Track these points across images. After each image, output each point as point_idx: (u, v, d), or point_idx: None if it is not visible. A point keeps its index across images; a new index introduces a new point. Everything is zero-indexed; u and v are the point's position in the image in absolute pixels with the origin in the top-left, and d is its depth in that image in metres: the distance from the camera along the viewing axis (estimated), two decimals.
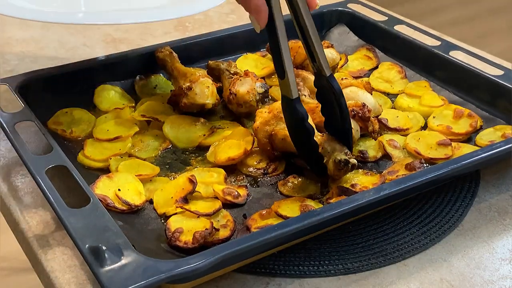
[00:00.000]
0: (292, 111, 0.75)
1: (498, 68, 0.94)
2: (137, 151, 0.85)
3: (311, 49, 0.76)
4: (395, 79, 1.01)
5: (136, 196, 0.76)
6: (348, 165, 0.75)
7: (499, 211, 0.78)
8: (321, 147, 0.77)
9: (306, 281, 0.68)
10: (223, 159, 0.81)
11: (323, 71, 0.77)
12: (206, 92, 0.89)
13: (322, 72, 0.77)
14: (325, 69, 0.77)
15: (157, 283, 0.58)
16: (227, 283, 0.67)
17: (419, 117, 0.92)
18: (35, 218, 0.75)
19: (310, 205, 0.74)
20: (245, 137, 0.84)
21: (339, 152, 0.76)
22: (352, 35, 1.12)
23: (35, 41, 1.17)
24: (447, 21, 3.15)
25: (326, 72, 0.77)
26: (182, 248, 0.68)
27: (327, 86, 0.77)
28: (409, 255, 0.71)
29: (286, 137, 0.80)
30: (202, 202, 0.75)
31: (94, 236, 0.62)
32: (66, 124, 0.88)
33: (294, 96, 0.75)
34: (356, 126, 0.82)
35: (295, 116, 0.75)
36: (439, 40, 1.03)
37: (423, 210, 0.77)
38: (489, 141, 0.85)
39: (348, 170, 0.76)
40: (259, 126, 0.83)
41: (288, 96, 0.75)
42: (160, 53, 0.97)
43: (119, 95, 0.95)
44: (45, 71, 0.93)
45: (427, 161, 0.82)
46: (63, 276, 0.67)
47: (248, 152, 0.82)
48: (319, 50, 0.76)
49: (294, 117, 0.76)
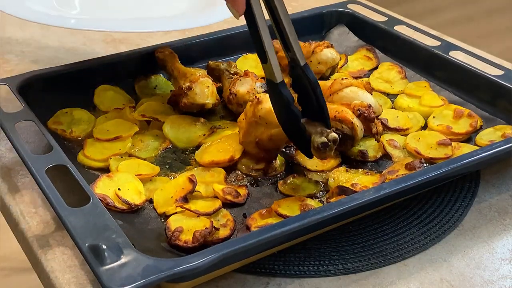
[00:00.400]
0: (278, 95, 0.74)
1: (498, 68, 0.94)
2: (137, 151, 0.85)
3: (284, 37, 0.75)
4: (395, 79, 1.01)
5: (136, 196, 0.76)
6: (327, 147, 0.74)
7: (499, 211, 0.78)
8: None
9: (306, 281, 0.68)
10: (206, 162, 0.82)
11: (298, 61, 0.75)
12: (206, 92, 0.89)
13: (297, 61, 0.75)
14: (300, 59, 0.75)
15: (157, 281, 0.58)
16: (227, 283, 0.67)
17: (419, 117, 0.92)
18: (35, 218, 0.75)
19: (310, 205, 0.74)
20: (237, 144, 0.83)
21: (315, 136, 0.74)
22: (352, 36, 1.12)
23: (35, 41, 1.17)
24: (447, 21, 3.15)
25: (301, 62, 0.75)
26: (182, 247, 0.68)
27: (303, 76, 0.75)
28: (409, 255, 0.71)
29: (271, 136, 0.79)
30: (202, 201, 0.75)
31: (94, 235, 0.62)
32: (66, 124, 0.88)
33: (279, 80, 0.73)
34: (360, 125, 0.82)
35: (281, 100, 0.74)
36: (439, 40, 1.03)
37: (423, 210, 0.77)
38: (489, 141, 0.85)
39: (332, 148, 0.74)
40: (243, 141, 0.82)
41: (273, 80, 0.73)
42: (160, 53, 0.97)
43: (119, 95, 0.95)
44: (45, 71, 0.93)
45: (427, 161, 0.83)
46: (63, 276, 0.67)
47: (234, 160, 0.81)
48: (292, 39, 0.74)
49: (280, 102, 0.74)
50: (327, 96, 0.88)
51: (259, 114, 0.79)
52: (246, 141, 0.82)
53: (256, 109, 0.80)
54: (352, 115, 0.81)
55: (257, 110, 0.79)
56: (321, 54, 0.99)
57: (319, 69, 0.99)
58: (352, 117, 0.81)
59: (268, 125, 0.79)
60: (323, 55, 0.99)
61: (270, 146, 0.81)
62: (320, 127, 0.75)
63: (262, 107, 0.79)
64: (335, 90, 0.87)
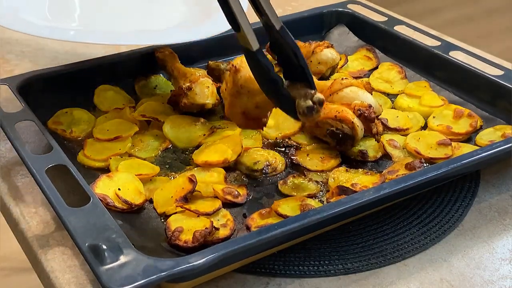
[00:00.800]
0: (256, 64, 0.71)
1: (498, 68, 0.94)
2: (137, 151, 0.85)
3: (255, 2, 0.71)
4: (395, 79, 1.01)
5: (136, 196, 0.76)
6: (313, 110, 0.71)
7: (499, 211, 0.78)
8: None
9: (306, 281, 0.68)
10: (200, 161, 0.82)
11: (273, 25, 0.71)
12: (206, 92, 0.89)
13: (273, 26, 0.71)
14: (275, 23, 0.71)
15: (157, 281, 0.58)
16: (227, 283, 0.67)
17: (419, 117, 0.92)
18: (35, 218, 0.75)
19: (310, 205, 0.74)
20: (235, 146, 0.83)
21: (299, 100, 0.72)
22: (352, 36, 1.12)
23: (35, 41, 1.17)
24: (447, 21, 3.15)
25: (276, 26, 0.71)
26: (182, 247, 0.68)
27: (281, 40, 0.72)
28: (409, 255, 0.71)
29: (257, 104, 0.76)
30: (202, 201, 0.75)
31: (94, 235, 0.62)
32: (66, 124, 0.88)
33: (255, 48, 0.70)
34: (360, 124, 0.81)
35: (260, 68, 0.71)
36: (439, 40, 1.03)
37: (423, 210, 0.77)
38: (489, 141, 0.85)
39: (318, 110, 0.72)
40: (229, 113, 0.80)
41: (249, 49, 0.70)
42: (160, 53, 0.97)
43: (119, 95, 0.95)
44: (45, 71, 0.93)
45: (427, 160, 0.83)
46: (63, 276, 0.67)
47: (228, 162, 0.81)
48: (264, 2, 0.70)
49: (259, 70, 0.72)
50: (327, 96, 0.88)
51: (239, 83, 0.76)
52: (232, 112, 0.79)
53: (235, 79, 0.77)
54: (352, 115, 0.81)
55: (237, 79, 0.76)
56: (321, 54, 0.99)
57: (319, 69, 0.99)
58: (352, 117, 0.81)
59: (251, 93, 0.76)
60: (323, 55, 0.99)
61: (258, 114, 0.78)
62: (304, 89, 0.72)
63: (241, 75, 0.76)
64: (335, 90, 0.87)
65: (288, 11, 1.25)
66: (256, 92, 0.76)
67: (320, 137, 0.86)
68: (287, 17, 1.11)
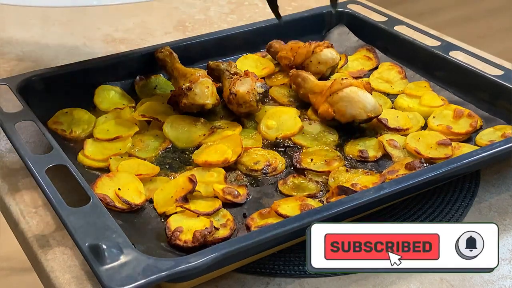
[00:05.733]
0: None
1: (498, 68, 0.94)
2: (137, 151, 0.85)
3: None
4: (395, 79, 1.01)
5: (136, 196, 0.76)
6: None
7: (499, 211, 0.78)
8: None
9: (306, 281, 0.68)
10: (200, 161, 0.82)
11: None
12: (206, 92, 0.89)
13: None
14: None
15: (157, 281, 0.58)
16: (227, 283, 0.67)
17: (419, 117, 0.92)
18: (35, 218, 0.75)
19: (310, 204, 0.74)
20: (235, 146, 0.83)
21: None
22: (352, 36, 1.12)
23: (35, 41, 1.17)
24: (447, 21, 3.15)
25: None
26: (182, 247, 0.68)
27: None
28: None
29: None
30: (202, 201, 0.75)
31: (94, 235, 0.62)
32: (66, 124, 0.88)
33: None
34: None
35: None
36: (439, 40, 1.03)
37: (423, 210, 0.77)
38: (489, 141, 0.85)
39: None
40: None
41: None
42: (160, 53, 0.97)
43: (119, 95, 0.95)
44: (45, 71, 0.93)
45: (427, 160, 0.82)
46: (63, 276, 0.67)
47: (228, 162, 0.81)
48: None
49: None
50: (327, 96, 0.89)
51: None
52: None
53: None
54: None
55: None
56: (321, 54, 0.99)
57: (319, 69, 0.99)
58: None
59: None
60: (323, 55, 0.99)
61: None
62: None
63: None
64: (335, 90, 0.87)
65: (288, 11, 1.25)
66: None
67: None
68: (287, 17, 1.11)
